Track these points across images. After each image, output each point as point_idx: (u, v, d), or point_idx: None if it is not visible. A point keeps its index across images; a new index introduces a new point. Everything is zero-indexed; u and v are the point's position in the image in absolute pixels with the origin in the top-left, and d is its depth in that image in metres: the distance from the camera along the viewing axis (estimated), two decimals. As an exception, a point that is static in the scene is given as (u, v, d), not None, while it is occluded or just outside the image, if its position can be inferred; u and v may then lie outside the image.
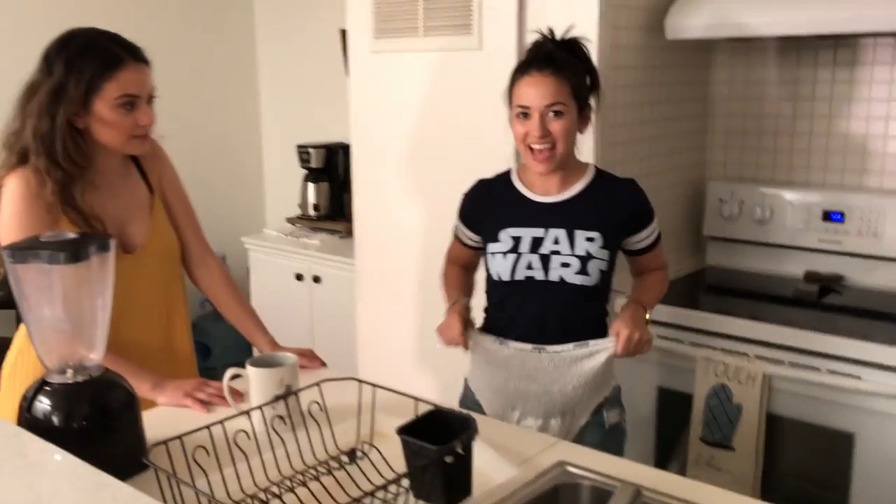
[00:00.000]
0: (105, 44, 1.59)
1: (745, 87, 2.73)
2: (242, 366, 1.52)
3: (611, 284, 1.82)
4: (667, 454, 2.38)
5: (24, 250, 1.27)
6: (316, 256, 3.32)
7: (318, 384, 1.41)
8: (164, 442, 1.22)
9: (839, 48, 2.52)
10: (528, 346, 1.75)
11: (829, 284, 2.46)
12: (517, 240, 1.76)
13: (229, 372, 1.52)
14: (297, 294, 3.39)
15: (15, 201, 1.56)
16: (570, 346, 1.73)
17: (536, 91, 1.69)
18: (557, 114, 1.70)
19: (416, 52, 2.58)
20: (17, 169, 1.58)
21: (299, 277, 3.36)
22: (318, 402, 1.39)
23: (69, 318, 1.31)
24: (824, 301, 2.38)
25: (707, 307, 2.33)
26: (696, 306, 2.34)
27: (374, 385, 1.36)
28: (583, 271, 1.72)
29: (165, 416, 1.56)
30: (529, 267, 1.74)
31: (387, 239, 2.79)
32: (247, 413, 1.38)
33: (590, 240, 1.73)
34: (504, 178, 1.87)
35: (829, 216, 2.50)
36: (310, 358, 1.77)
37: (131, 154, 1.69)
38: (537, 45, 1.78)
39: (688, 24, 2.36)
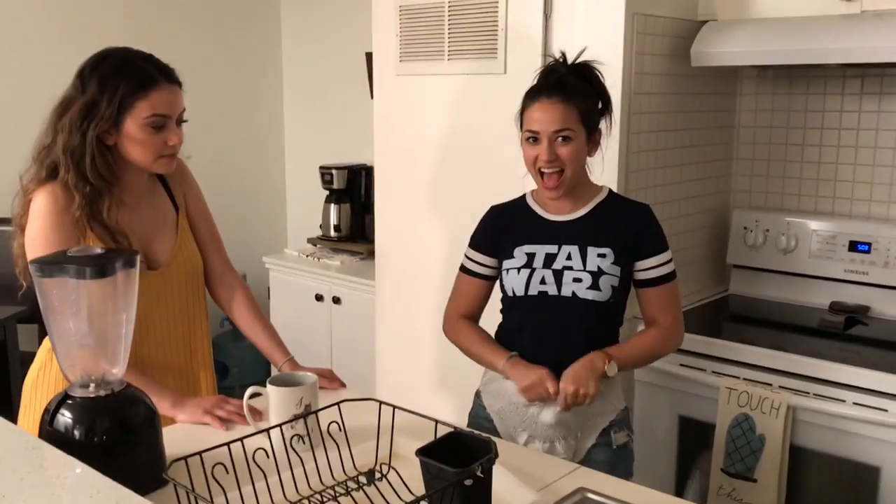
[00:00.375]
0: (139, 63, 1.61)
1: (771, 115, 2.72)
2: (261, 385, 1.52)
3: (624, 302, 1.82)
4: (685, 482, 2.35)
5: (52, 264, 1.28)
6: (336, 277, 3.32)
7: (337, 404, 1.40)
8: (184, 458, 1.22)
9: (866, 78, 2.51)
10: None
11: (855, 315, 2.43)
12: (531, 256, 1.79)
13: (249, 390, 1.52)
14: (317, 315, 3.39)
15: (43, 215, 1.58)
16: None
17: (545, 117, 1.72)
18: (566, 139, 1.73)
19: (441, 76, 2.60)
20: (47, 183, 1.59)
21: (319, 298, 3.37)
22: (337, 422, 1.38)
23: (93, 332, 1.32)
24: (850, 332, 2.35)
25: (730, 336, 2.31)
26: (718, 335, 2.31)
27: (393, 406, 1.35)
28: (594, 286, 1.74)
29: (185, 432, 1.56)
30: (543, 282, 1.76)
31: (407, 261, 2.79)
32: (266, 431, 1.38)
33: (601, 256, 1.75)
34: (518, 201, 1.90)
35: (855, 246, 2.47)
36: (330, 378, 1.76)
37: (158, 173, 1.70)
38: (548, 70, 1.80)
39: (714, 51, 2.36)
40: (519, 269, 1.78)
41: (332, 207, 3.59)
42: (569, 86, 1.74)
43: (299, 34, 4.07)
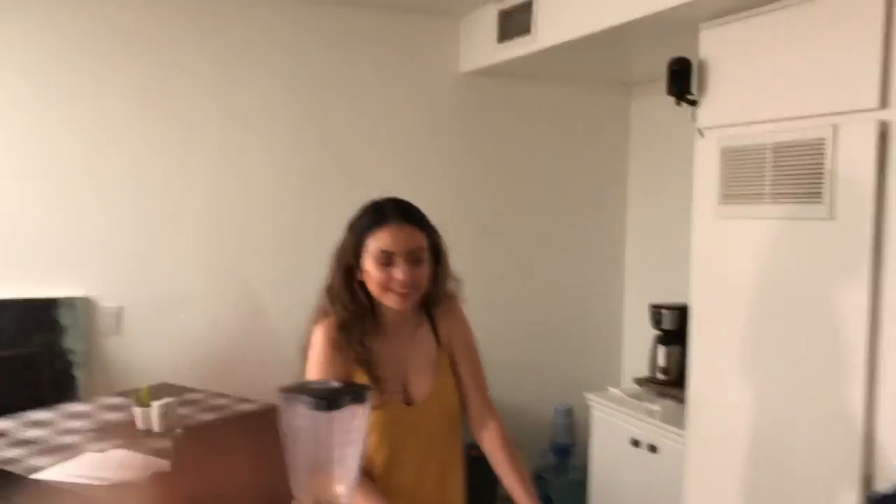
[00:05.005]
0: (381, 204, 1.77)
1: None
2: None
3: None
4: None
5: (290, 394, 1.41)
6: (655, 424, 3.14)
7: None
8: None
9: None
10: None
11: None
12: None
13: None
14: (632, 461, 3.23)
15: (315, 347, 1.76)
16: None
17: None
18: None
19: (760, 220, 2.40)
20: (324, 318, 1.78)
21: (636, 443, 3.21)
22: None
23: (322, 460, 1.41)
24: None
25: None
26: None
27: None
28: None
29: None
30: None
31: (719, 416, 2.57)
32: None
33: None
34: None
35: None
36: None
37: (390, 306, 1.76)
38: None
39: None
40: None
41: (661, 349, 3.44)
42: None
43: (644, 179, 4.07)
